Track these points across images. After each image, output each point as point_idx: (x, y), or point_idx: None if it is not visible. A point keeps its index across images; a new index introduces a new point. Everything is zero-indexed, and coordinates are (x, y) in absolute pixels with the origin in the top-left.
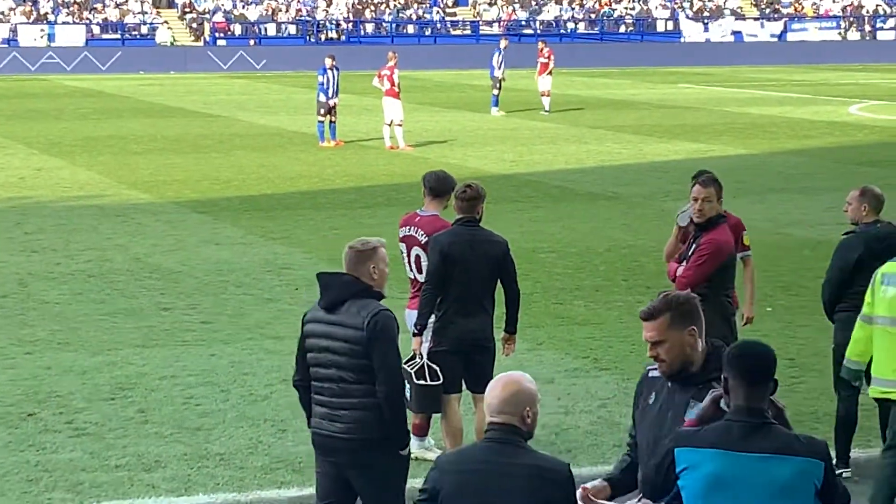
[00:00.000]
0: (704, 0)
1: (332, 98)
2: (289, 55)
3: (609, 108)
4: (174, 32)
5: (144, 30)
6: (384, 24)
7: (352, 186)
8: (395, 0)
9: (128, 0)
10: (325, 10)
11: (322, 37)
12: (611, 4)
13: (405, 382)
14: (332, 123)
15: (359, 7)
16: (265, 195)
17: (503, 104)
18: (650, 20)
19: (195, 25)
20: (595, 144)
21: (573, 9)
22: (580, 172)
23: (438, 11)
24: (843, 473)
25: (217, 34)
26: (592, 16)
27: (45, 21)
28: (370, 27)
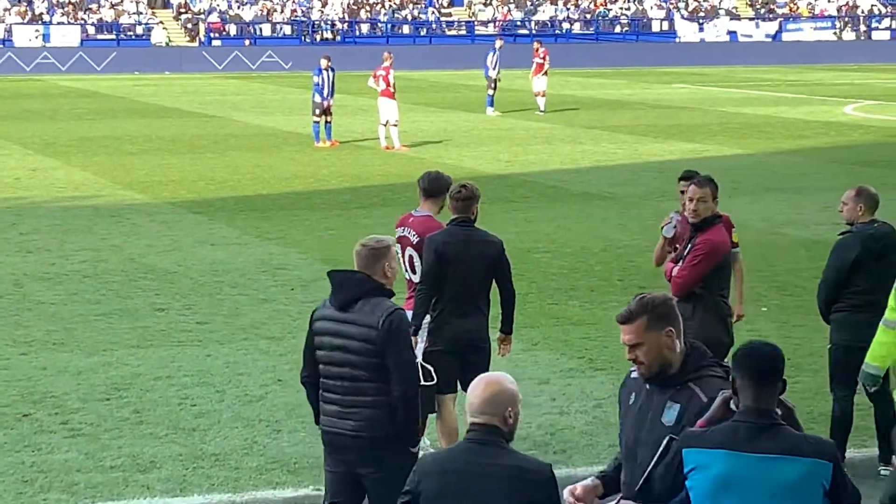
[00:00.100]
0: (699, 0)
1: (328, 98)
2: (284, 55)
3: (604, 109)
4: (169, 33)
5: (139, 30)
6: (379, 25)
7: (347, 187)
8: (391, 0)
9: (123, 0)
10: (321, 11)
11: (317, 37)
12: (606, 5)
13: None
14: (328, 124)
15: (354, 7)
16: (260, 195)
17: (499, 104)
18: (645, 20)
19: (190, 26)
20: (590, 144)
21: (568, 9)
22: (575, 172)
23: (434, 12)
24: None
25: (212, 34)
26: (588, 16)
27: (40, 21)
28: (365, 27)
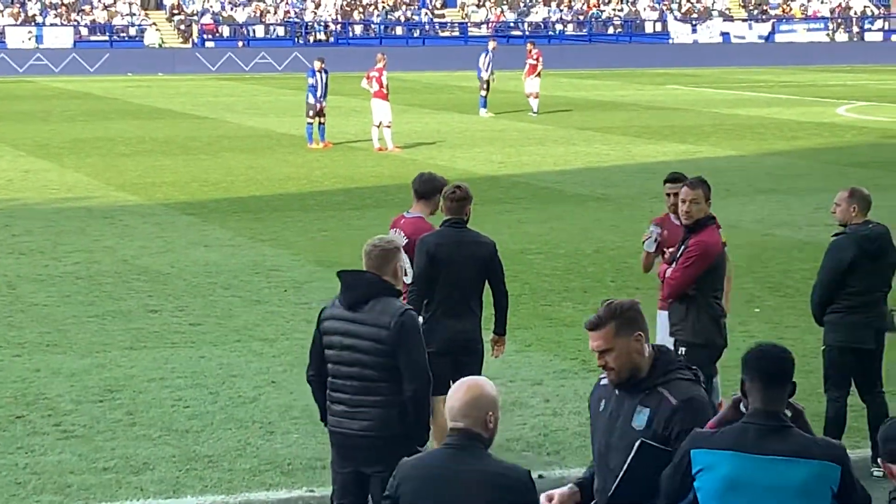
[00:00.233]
0: (692, 1)
1: (321, 100)
2: (277, 57)
3: (597, 110)
4: (162, 34)
5: (133, 31)
6: (373, 26)
7: (340, 188)
8: (384, 2)
9: (116, 2)
10: (314, 12)
11: (310, 38)
12: (599, 6)
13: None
14: (322, 125)
15: (347, 9)
16: (254, 197)
17: (492, 106)
18: (638, 21)
19: (183, 27)
20: (583, 146)
21: (561, 10)
22: (568, 174)
23: (427, 13)
24: None
25: (205, 36)
26: (581, 17)
27: (33, 23)
28: (358, 29)
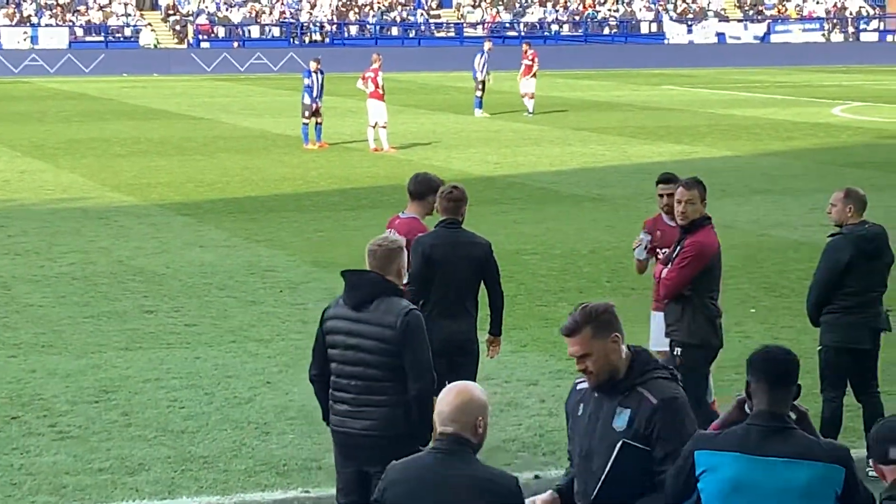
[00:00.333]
0: (688, 2)
1: (317, 100)
2: (273, 57)
3: (593, 110)
4: (158, 35)
5: (128, 32)
6: (368, 27)
7: (336, 189)
8: (380, 2)
9: (111, 2)
10: (309, 13)
11: (306, 39)
12: (595, 6)
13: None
14: (318, 125)
15: (343, 9)
16: (249, 197)
17: (487, 106)
18: (634, 22)
19: (179, 28)
20: (579, 146)
21: (557, 11)
22: (564, 174)
23: (422, 13)
24: None
25: (201, 36)
26: (576, 18)
27: (28, 23)
28: (354, 29)
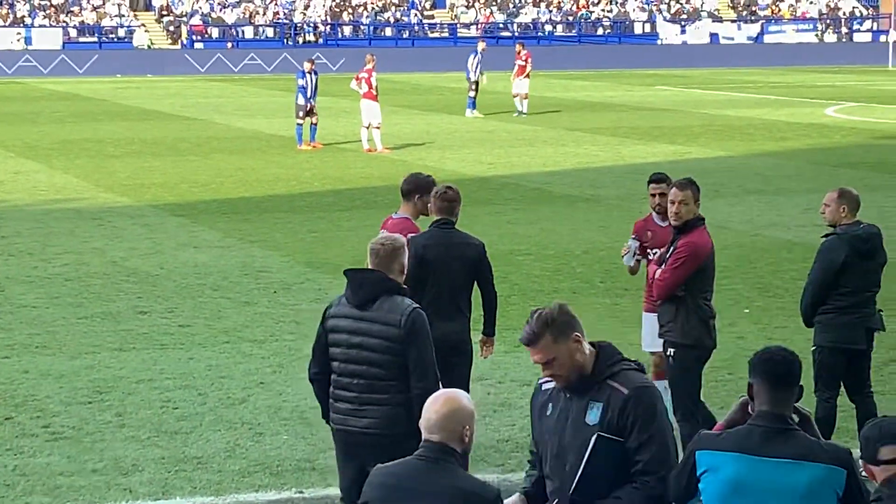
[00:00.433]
0: (682, 2)
1: (311, 100)
2: (266, 58)
3: (587, 111)
4: (151, 35)
5: (121, 33)
6: (362, 27)
7: (329, 189)
8: (373, 3)
9: (105, 3)
10: (303, 13)
11: (299, 39)
12: (588, 7)
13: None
14: (313, 126)
15: (336, 10)
16: (243, 198)
17: (481, 107)
18: (627, 22)
19: (172, 28)
20: (573, 146)
21: (550, 11)
22: (558, 174)
23: (416, 14)
24: None
25: (194, 37)
26: (570, 18)
27: (22, 24)
28: (348, 30)
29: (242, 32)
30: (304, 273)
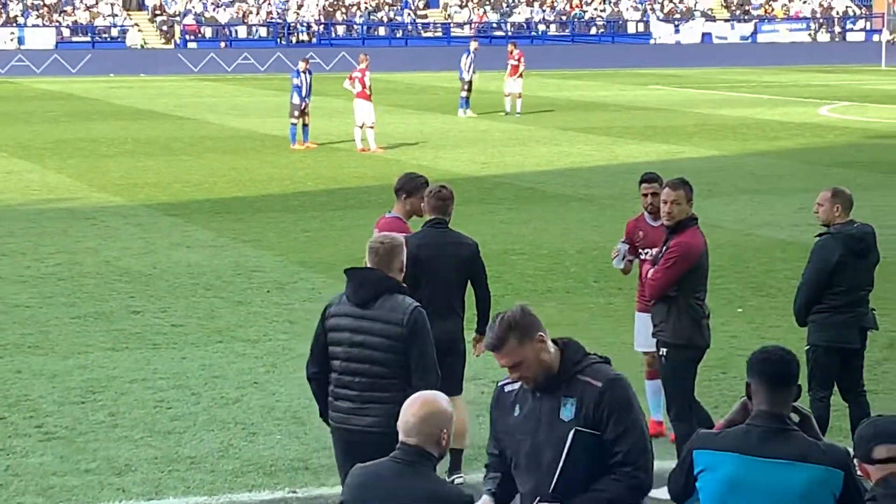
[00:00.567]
0: (675, 2)
1: (306, 99)
2: (260, 58)
3: (580, 110)
4: (144, 35)
5: (115, 32)
6: (355, 27)
7: (323, 189)
8: (367, 2)
9: (98, 2)
10: (296, 13)
11: (293, 39)
12: (582, 6)
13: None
14: (306, 126)
15: (329, 9)
16: (236, 198)
17: (474, 106)
18: (621, 22)
19: (165, 28)
20: (566, 146)
21: (544, 11)
22: (551, 174)
23: (409, 14)
24: None
25: (187, 37)
26: (563, 18)
27: (15, 24)
28: (341, 29)
29: (236, 32)
30: (298, 272)
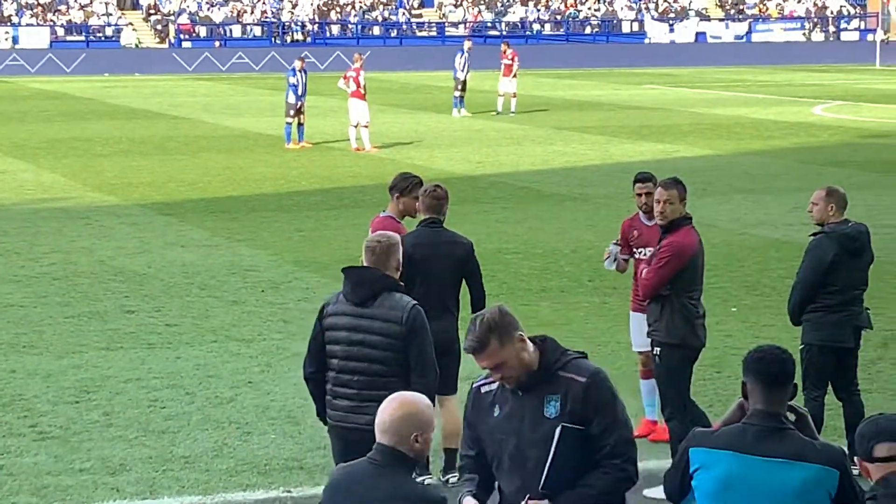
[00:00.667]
0: (669, 1)
1: (302, 98)
2: (254, 57)
3: (575, 110)
4: (139, 34)
5: (109, 31)
6: (350, 26)
7: (317, 188)
8: (361, 1)
9: (92, 1)
10: (291, 12)
11: (287, 38)
12: (576, 6)
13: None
14: (301, 125)
15: (324, 8)
16: (231, 197)
17: (469, 106)
18: (615, 21)
19: (160, 27)
20: (561, 145)
21: (539, 10)
22: (546, 173)
23: (404, 13)
24: None
25: (182, 36)
26: (558, 17)
27: (9, 23)
28: (336, 29)
29: (230, 31)
30: (292, 272)
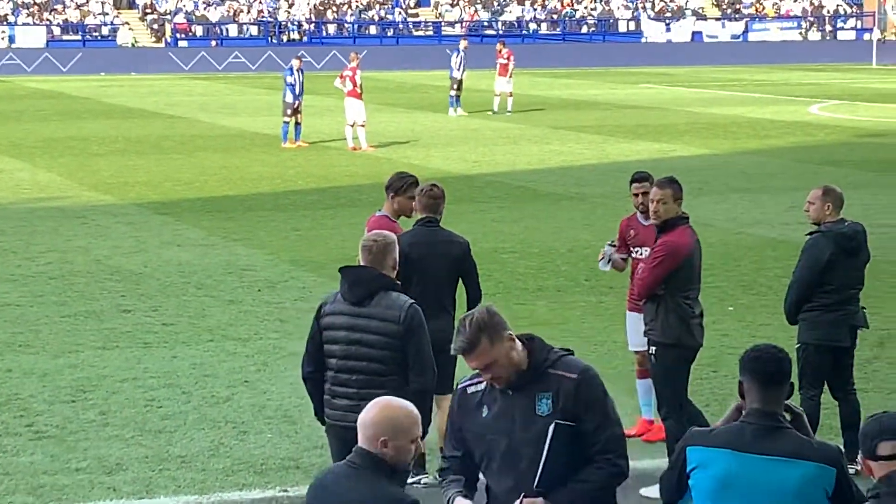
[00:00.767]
0: (666, 0)
1: (299, 97)
2: (250, 56)
3: (571, 109)
4: (135, 33)
5: (105, 31)
6: (346, 25)
7: (314, 187)
8: (358, 1)
9: (88, 1)
10: (287, 11)
11: (284, 38)
12: (573, 5)
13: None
14: (298, 125)
15: (321, 8)
16: (227, 196)
17: (465, 105)
18: (612, 21)
19: (156, 26)
20: (557, 145)
21: (535, 9)
22: (543, 173)
23: (400, 12)
24: None
25: (178, 35)
26: (554, 16)
27: (6, 22)
28: (332, 28)
29: (226, 30)
30: (289, 271)
